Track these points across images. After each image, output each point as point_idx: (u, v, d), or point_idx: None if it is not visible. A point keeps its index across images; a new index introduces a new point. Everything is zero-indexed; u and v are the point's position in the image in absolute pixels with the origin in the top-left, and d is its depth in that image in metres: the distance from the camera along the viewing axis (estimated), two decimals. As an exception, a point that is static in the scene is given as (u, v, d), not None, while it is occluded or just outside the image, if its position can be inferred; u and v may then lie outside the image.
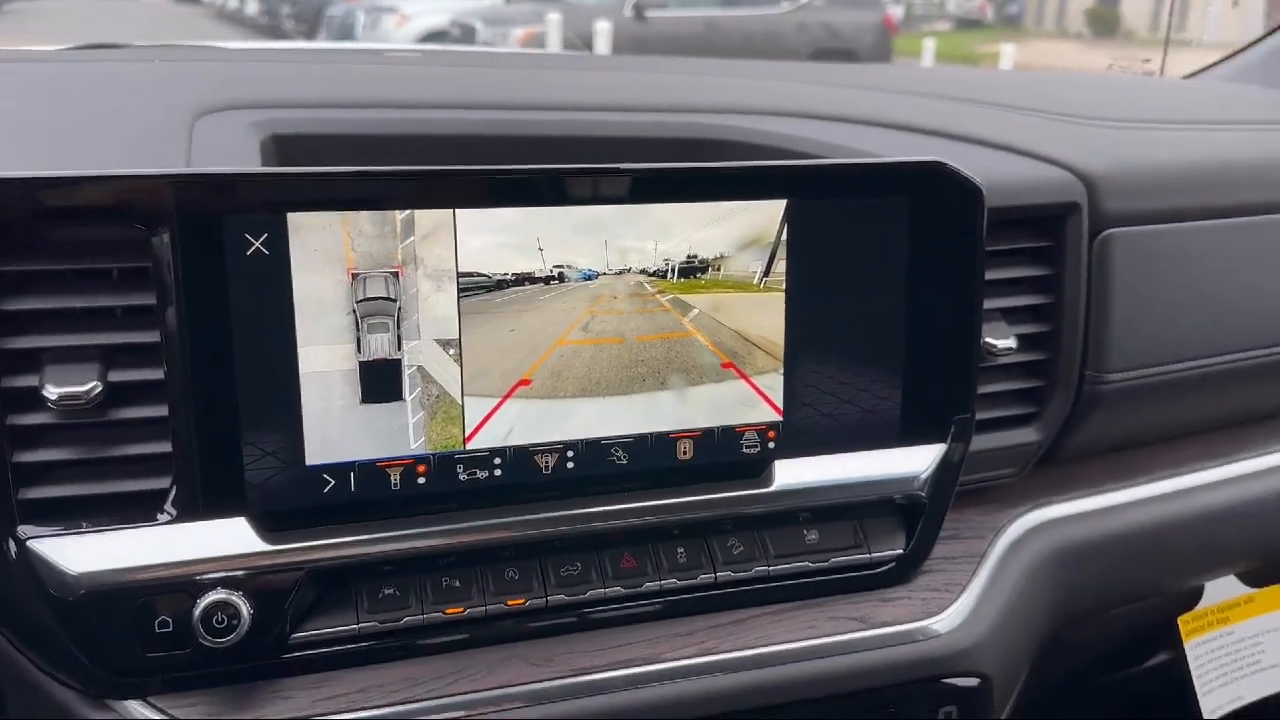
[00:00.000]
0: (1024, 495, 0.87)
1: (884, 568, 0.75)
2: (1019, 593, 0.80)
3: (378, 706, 0.61)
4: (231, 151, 0.72)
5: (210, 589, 0.59)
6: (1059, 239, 0.83)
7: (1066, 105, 1.07)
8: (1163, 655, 1.09)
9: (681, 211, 0.65)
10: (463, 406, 0.64)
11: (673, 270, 0.66)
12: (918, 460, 0.74)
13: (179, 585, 0.59)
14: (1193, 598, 0.99)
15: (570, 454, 0.67)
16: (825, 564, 0.73)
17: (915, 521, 0.75)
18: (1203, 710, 0.99)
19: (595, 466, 0.67)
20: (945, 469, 0.75)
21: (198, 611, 0.59)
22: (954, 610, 0.75)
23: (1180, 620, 0.98)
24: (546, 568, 0.68)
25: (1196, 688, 0.98)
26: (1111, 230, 0.84)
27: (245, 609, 0.59)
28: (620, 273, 0.66)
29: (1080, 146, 0.89)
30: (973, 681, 0.74)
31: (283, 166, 0.64)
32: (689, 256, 0.67)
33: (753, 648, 0.69)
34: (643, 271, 0.66)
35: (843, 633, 0.71)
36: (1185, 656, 0.98)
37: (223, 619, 0.59)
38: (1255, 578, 1.01)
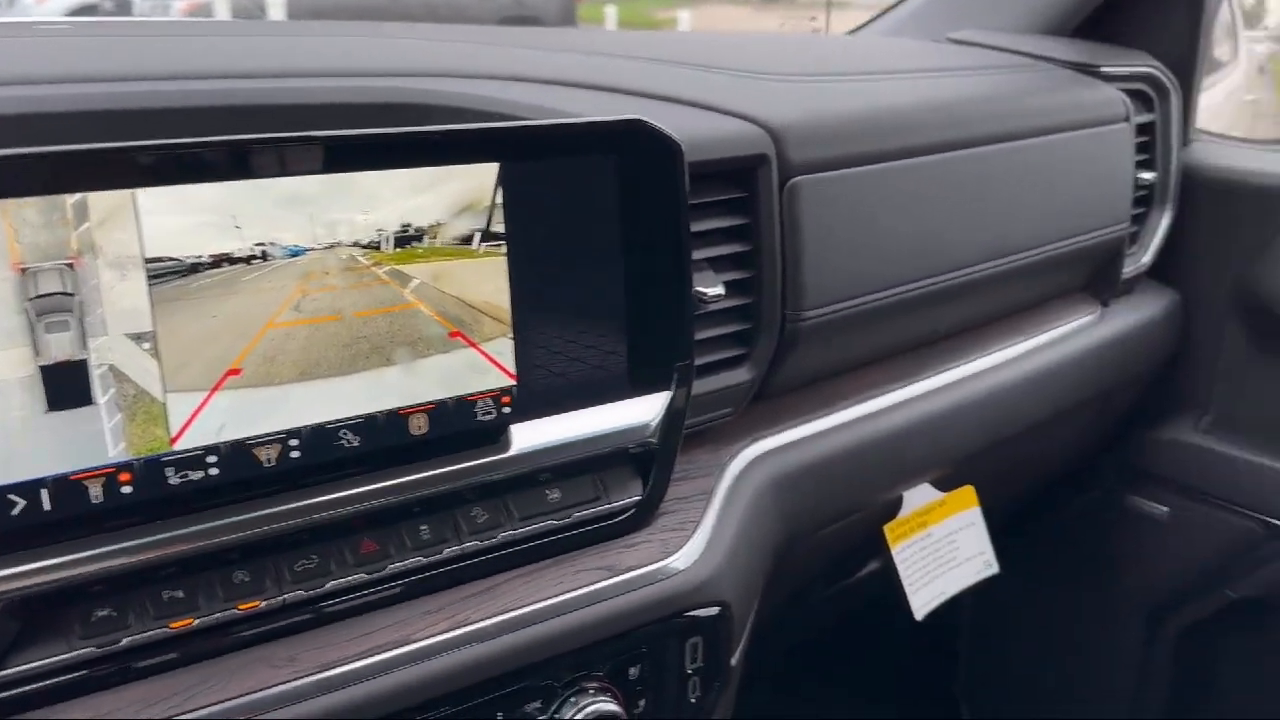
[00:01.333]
0: (742, 431, 0.93)
1: (624, 516, 0.77)
2: (746, 522, 0.85)
3: (108, 738, 0.56)
4: None
5: (-119, 642, 0.52)
6: (752, 189, 0.88)
7: (750, 63, 1.12)
8: (875, 563, 1.20)
9: (390, 179, 0.63)
10: (165, 404, 0.59)
11: (387, 241, 0.64)
12: (647, 409, 0.77)
13: None
14: (895, 507, 1.09)
15: (294, 442, 0.63)
16: (569, 520, 0.74)
17: (649, 468, 0.78)
18: (912, 607, 1.09)
19: (323, 453, 0.64)
20: (672, 415, 0.77)
21: None
22: (691, 546, 0.78)
23: (886, 529, 1.08)
24: (280, 565, 0.64)
25: (905, 588, 1.08)
26: (798, 178, 0.90)
27: (-70, 657, 0.52)
28: (330, 247, 0.63)
29: (765, 101, 0.94)
30: (714, 610, 0.78)
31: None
32: (403, 225, 0.65)
33: (505, 612, 0.69)
34: (355, 244, 0.63)
35: (591, 583, 0.72)
36: (893, 561, 1.08)
37: (-97, 671, 0.52)
38: (945, 483, 1.13)
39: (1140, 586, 1.39)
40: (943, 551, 1.11)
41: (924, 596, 1.09)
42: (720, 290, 0.84)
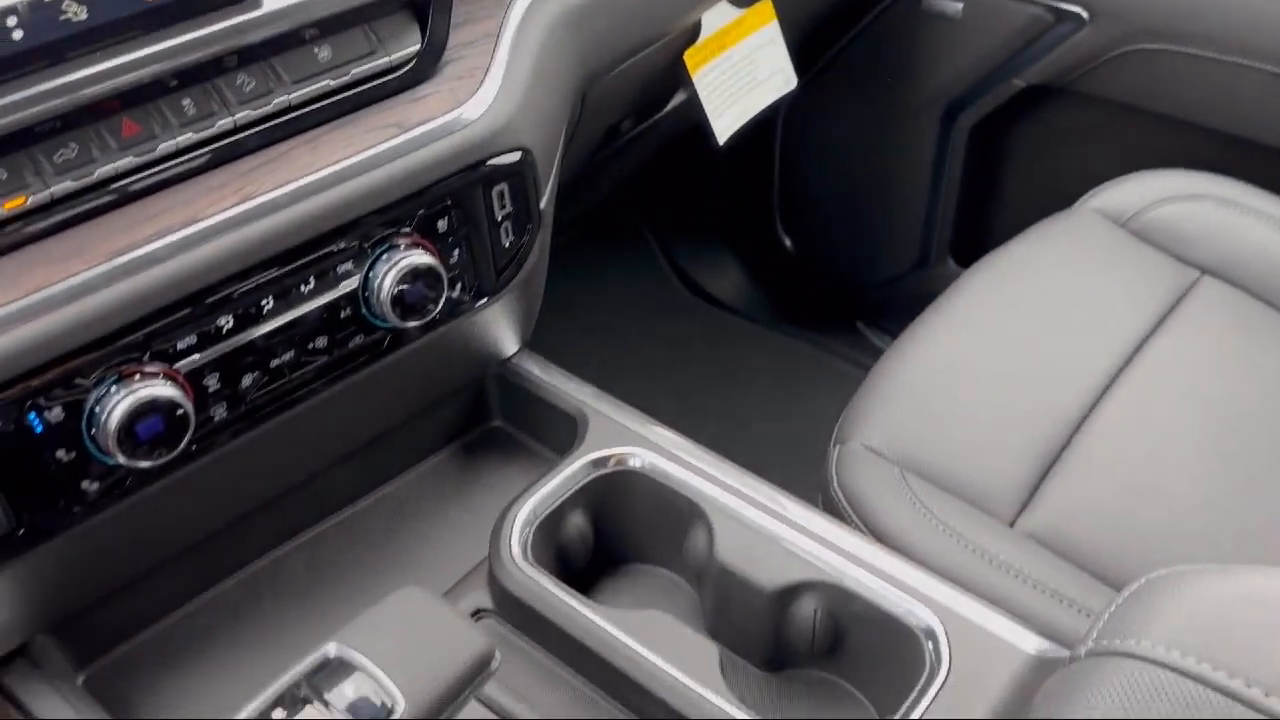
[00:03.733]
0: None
1: (405, 68, 0.73)
2: (540, 63, 0.82)
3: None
4: None
5: None
6: None
7: None
8: (680, 96, 1.20)
9: None
10: None
11: None
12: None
13: None
14: (694, 33, 1.07)
15: (12, 21, 0.57)
16: (346, 78, 0.71)
17: (425, 13, 0.74)
18: (715, 132, 1.12)
19: (48, 29, 0.58)
20: (440, -49, 0.72)
21: None
22: (482, 94, 0.76)
23: (685, 56, 1.06)
24: (37, 158, 0.60)
25: (708, 113, 1.10)
26: None
27: None
28: None
29: None
30: (515, 156, 0.78)
31: None
32: None
33: (294, 180, 0.67)
34: None
35: (382, 142, 0.70)
36: (695, 89, 1.08)
37: None
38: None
39: (937, 85, 1.44)
40: (743, 72, 1.11)
41: (726, 120, 1.11)
42: None
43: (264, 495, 0.79)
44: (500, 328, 0.88)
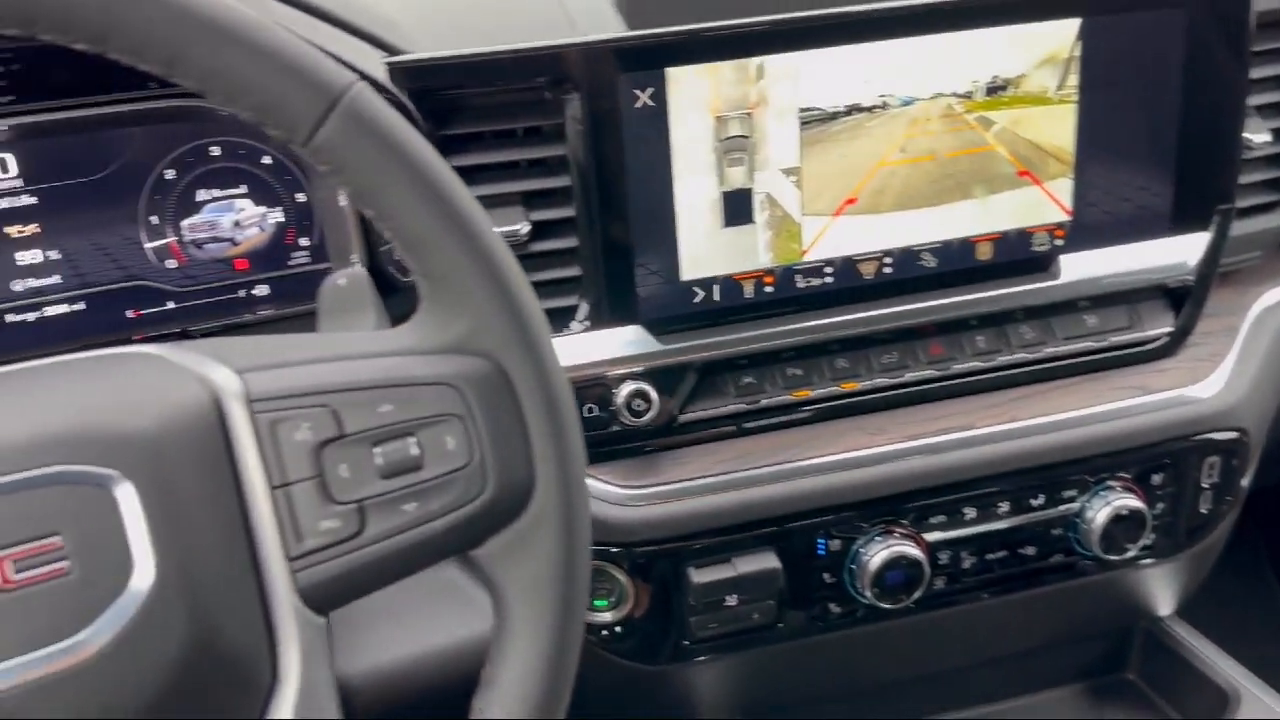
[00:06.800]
0: (1269, 274, 0.95)
1: (1156, 343, 0.85)
2: (1267, 359, 0.89)
3: (758, 467, 0.76)
4: (593, 10, 0.81)
5: (622, 381, 0.74)
6: None
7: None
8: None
9: (987, 37, 0.74)
10: (800, 225, 0.76)
11: (979, 90, 0.75)
12: (1186, 249, 0.83)
13: (598, 380, 0.74)
14: None
15: (888, 260, 0.78)
16: (1104, 343, 0.84)
17: (1181, 302, 0.85)
18: None
19: (908, 269, 0.79)
20: (1209, 255, 0.83)
21: (620, 399, 0.74)
22: (1216, 376, 0.85)
23: None
24: (870, 357, 0.80)
25: None
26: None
27: (654, 394, 0.74)
28: (934, 97, 0.75)
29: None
30: (1233, 435, 0.85)
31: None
32: (993, 77, 0.75)
33: (1050, 414, 0.81)
34: (953, 94, 0.75)
35: (1125, 400, 0.82)
36: None
37: (641, 404, 0.74)
38: None
39: None
40: None
41: None
42: (1268, 137, 0.86)
43: (928, 667, 0.91)
44: (1166, 585, 0.93)
